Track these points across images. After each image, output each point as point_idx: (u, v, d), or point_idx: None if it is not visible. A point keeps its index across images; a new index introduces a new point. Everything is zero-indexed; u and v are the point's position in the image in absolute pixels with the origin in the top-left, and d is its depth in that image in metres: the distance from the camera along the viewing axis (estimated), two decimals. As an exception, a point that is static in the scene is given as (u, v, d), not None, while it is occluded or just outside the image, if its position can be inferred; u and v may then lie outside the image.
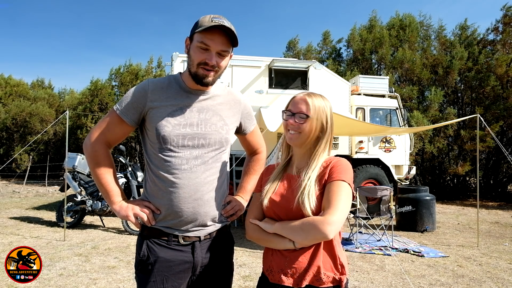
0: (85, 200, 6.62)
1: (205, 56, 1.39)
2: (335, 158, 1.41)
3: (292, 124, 1.38)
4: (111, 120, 1.46)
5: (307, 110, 1.38)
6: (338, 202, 1.25)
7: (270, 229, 1.35)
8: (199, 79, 1.42)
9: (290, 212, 1.33)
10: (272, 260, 1.38)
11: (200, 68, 1.40)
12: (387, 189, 6.10)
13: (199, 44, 1.38)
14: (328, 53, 17.01)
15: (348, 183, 1.31)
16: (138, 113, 1.44)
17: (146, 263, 1.42)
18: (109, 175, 1.46)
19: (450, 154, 13.19)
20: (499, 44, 12.80)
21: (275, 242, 1.34)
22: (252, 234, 1.42)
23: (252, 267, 4.45)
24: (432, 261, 4.95)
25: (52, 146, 18.15)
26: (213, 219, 1.47)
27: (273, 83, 7.88)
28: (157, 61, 18.00)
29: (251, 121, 1.69)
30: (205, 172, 1.44)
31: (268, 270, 1.39)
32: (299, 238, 1.27)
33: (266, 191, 1.40)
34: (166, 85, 1.48)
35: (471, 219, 8.38)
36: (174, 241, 1.43)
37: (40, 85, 22.21)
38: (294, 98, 1.43)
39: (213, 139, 1.46)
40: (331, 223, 1.21)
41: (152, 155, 1.45)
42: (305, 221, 1.26)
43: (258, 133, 1.75)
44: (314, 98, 1.40)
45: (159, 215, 1.43)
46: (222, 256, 1.52)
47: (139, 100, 1.44)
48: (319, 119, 1.39)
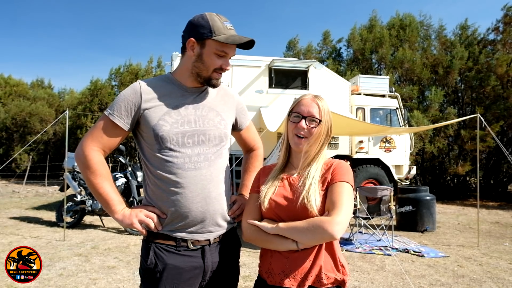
0: (84, 200, 6.62)
1: (222, 62, 1.40)
2: (335, 160, 1.41)
3: (303, 128, 1.35)
4: (104, 125, 1.38)
5: (320, 114, 1.36)
6: (343, 203, 1.26)
7: (272, 230, 1.31)
8: (211, 83, 1.43)
9: (292, 213, 1.31)
10: (271, 262, 1.34)
11: (215, 73, 1.41)
12: (387, 189, 6.09)
13: (218, 52, 1.38)
14: (328, 53, 17.00)
15: (350, 184, 1.33)
16: (132, 116, 1.38)
17: (154, 271, 1.35)
18: (107, 183, 1.36)
19: (450, 154, 13.18)
20: (499, 44, 12.80)
21: (276, 243, 1.31)
22: (251, 235, 1.36)
23: (252, 267, 4.46)
24: (432, 261, 4.94)
25: (52, 146, 18.13)
26: (223, 217, 1.43)
27: (273, 83, 7.87)
28: (157, 61, 18.01)
29: (246, 116, 1.64)
30: (209, 169, 1.39)
31: (268, 272, 1.35)
32: (305, 239, 1.25)
33: (265, 192, 1.37)
34: (158, 85, 1.44)
35: (471, 219, 8.38)
36: (183, 247, 1.37)
37: (40, 85, 22.22)
38: (302, 100, 1.39)
39: (212, 135, 1.42)
40: (338, 223, 1.21)
41: (151, 157, 1.39)
42: (311, 221, 1.25)
43: (253, 129, 1.71)
44: (322, 101, 1.39)
45: (165, 219, 1.37)
46: (230, 259, 1.48)
47: (132, 102, 1.38)
48: (326, 124, 1.38)
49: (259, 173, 1.52)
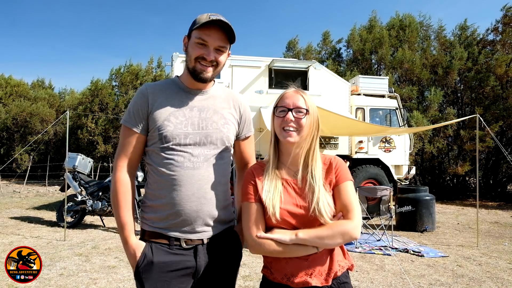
0: (85, 200, 6.63)
1: (203, 52, 1.39)
2: (330, 156, 1.42)
3: (291, 120, 1.30)
4: (124, 136, 1.45)
5: (306, 105, 1.33)
6: (355, 203, 1.32)
7: (291, 240, 1.26)
8: (196, 74, 1.42)
9: (306, 220, 1.30)
10: (287, 267, 1.31)
11: (197, 63, 1.41)
12: (386, 189, 6.11)
13: (196, 40, 1.39)
14: (328, 53, 17.02)
15: (352, 180, 1.38)
16: (144, 120, 1.43)
17: (146, 269, 1.37)
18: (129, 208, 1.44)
19: (449, 154, 13.19)
20: (498, 44, 12.82)
21: (297, 251, 1.28)
22: (263, 249, 1.29)
23: (252, 267, 4.45)
24: (432, 261, 4.95)
25: (53, 146, 18.15)
26: (216, 218, 1.44)
27: (273, 83, 7.89)
28: (157, 61, 18.03)
29: (249, 126, 1.62)
30: (208, 170, 1.42)
31: (286, 277, 1.30)
32: (330, 244, 1.28)
33: (271, 202, 1.29)
34: (164, 87, 1.48)
35: (470, 219, 8.39)
36: (176, 245, 1.39)
37: (41, 85, 22.22)
38: (286, 93, 1.36)
39: (214, 138, 1.44)
40: (359, 225, 1.30)
41: (154, 155, 1.43)
42: (335, 228, 1.26)
43: (253, 145, 1.67)
44: (306, 94, 1.38)
45: (161, 214, 1.40)
46: (225, 259, 1.48)
47: (142, 106, 1.43)
48: (315, 115, 1.35)
49: (250, 178, 1.38)
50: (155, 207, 1.42)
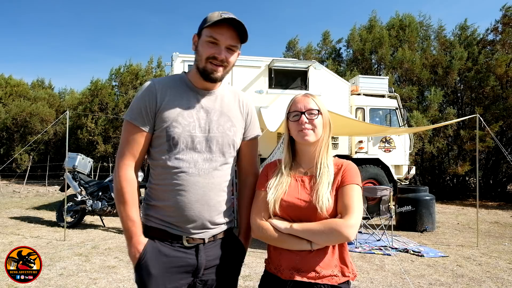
0: (85, 200, 6.63)
1: (214, 51, 1.36)
2: (344, 161, 1.44)
3: (305, 122, 1.37)
4: (128, 133, 1.39)
5: (317, 106, 1.40)
6: (355, 205, 1.31)
7: (285, 230, 1.33)
8: (207, 74, 1.38)
9: (304, 214, 1.34)
10: (280, 259, 1.37)
11: (208, 63, 1.37)
12: (386, 189, 6.11)
13: (208, 38, 1.35)
14: (328, 53, 17.02)
15: (360, 186, 1.38)
16: (151, 117, 1.38)
17: (147, 265, 1.37)
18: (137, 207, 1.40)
19: (449, 154, 13.20)
20: (498, 44, 12.81)
21: (290, 243, 1.33)
22: (262, 233, 1.37)
23: (252, 267, 4.44)
24: (432, 261, 4.95)
25: (52, 146, 18.15)
26: (219, 219, 1.44)
27: (273, 83, 7.89)
28: (157, 61, 18.04)
29: (255, 127, 1.58)
30: (212, 176, 1.40)
31: (277, 268, 1.38)
32: (321, 241, 1.30)
33: (275, 193, 1.37)
34: (172, 84, 1.44)
35: (470, 219, 8.39)
36: (178, 243, 1.39)
37: (40, 85, 22.22)
38: (296, 98, 1.43)
39: (221, 142, 1.43)
40: (352, 226, 1.27)
41: (159, 157, 1.40)
42: (326, 224, 1.29)
43: (256, 149, 1.62)
44: (315, 96, 1.44)
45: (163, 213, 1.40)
46: (227, 259, 1.47)
47: (150, 103, 1.38)
48: (326, 115, 1.43)
49: (266, 169, 1.49)
50: (159, 206, 1.41)
